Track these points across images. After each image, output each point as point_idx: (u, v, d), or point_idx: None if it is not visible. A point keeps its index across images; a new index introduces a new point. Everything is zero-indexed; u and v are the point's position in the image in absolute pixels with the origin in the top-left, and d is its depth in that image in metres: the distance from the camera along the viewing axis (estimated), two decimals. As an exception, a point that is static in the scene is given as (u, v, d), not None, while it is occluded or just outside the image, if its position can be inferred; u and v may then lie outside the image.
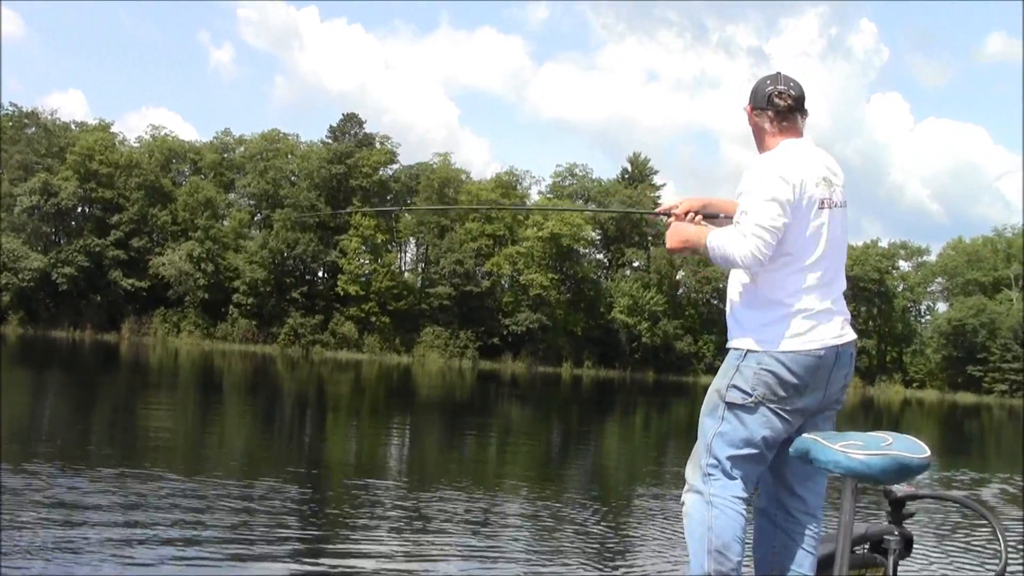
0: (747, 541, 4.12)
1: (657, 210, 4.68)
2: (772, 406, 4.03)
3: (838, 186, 4.16)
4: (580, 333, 75.37)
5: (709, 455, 4.11)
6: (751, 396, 4.04)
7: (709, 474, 4.08)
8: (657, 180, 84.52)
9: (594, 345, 76.02)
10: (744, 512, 4.04)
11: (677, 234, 4.32)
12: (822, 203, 4.06)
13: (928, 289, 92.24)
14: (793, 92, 4.22)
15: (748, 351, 4.10)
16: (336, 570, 7.20)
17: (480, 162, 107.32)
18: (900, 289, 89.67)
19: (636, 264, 79.72)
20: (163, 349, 57.14)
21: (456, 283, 72.11)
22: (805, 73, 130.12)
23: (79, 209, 70.89)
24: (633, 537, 9.45)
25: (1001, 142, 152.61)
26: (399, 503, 10.22)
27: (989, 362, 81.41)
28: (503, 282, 75.50)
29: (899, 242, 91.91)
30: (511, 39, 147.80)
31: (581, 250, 78.71)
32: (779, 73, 4.28)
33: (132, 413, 19.28)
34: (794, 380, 4.01)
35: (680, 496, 4.25)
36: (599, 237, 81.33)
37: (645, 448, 21.37)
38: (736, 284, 4.30)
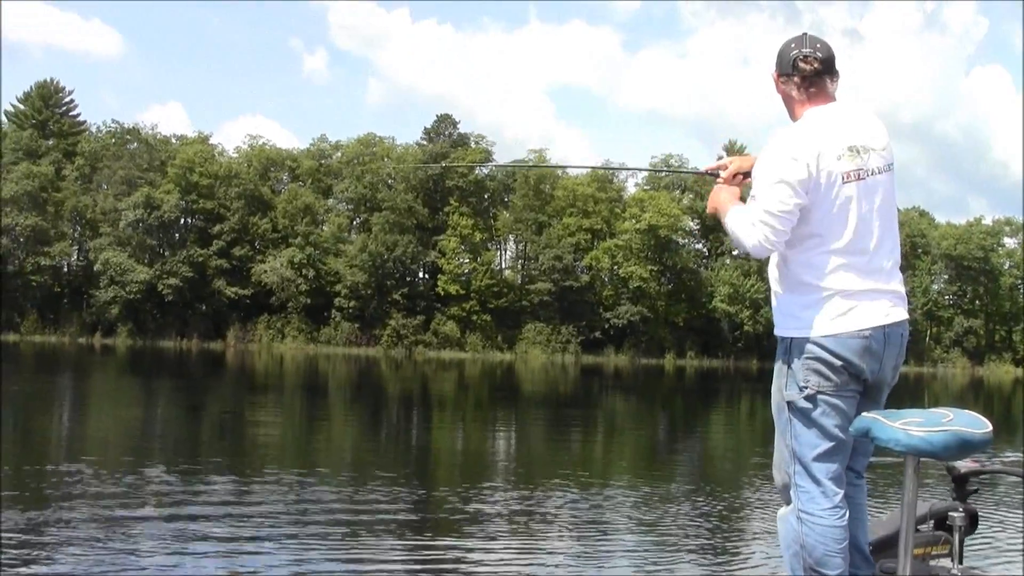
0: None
1: (704, 168, 4.50)
2: (830, 393, 3.85)
3: (875, 150, 3.88)
4: (682, 324, 74.97)
5: (794, 461, 3.95)
6: (807, 389, 3.87)
7: (798, 484, 3.93)
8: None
9: (696, 335, 75.58)
10: (837, 522, 3.84)
11: (712, 199, 4.20)
12: (847, 176, 3.80)
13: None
14: (820, 54, 3.94)
15: (792, 339, 3.92)
16: (448, 565, 7.11)
17: (577, 157, 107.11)
18: (1007, 267, 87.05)
19: (735, 252, 78.63)
20: (268, 355, 58.07)
21: (556, 278, 72.03)
22: (902, 50, 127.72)
23: (181, 221, 72.44)
24: (741, 531, 9.25)
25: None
26: (508, 498, 10.20)
27: (1108, 337, 78.47)
28: (602, 276, 75.18)
29: (1003, 218, 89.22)
30: (601, 30, 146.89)
31: (680, 240, 78.09)
32: (805, 34, 4.01)
33: (241, 417, 19.54)
34: (842, 364, 3.82)
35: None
36: (697, 227, 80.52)
37: (751, 437, 20.97)
38: (773, 267, 4.11)
